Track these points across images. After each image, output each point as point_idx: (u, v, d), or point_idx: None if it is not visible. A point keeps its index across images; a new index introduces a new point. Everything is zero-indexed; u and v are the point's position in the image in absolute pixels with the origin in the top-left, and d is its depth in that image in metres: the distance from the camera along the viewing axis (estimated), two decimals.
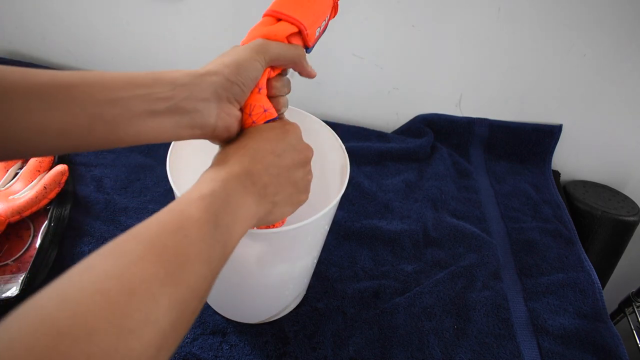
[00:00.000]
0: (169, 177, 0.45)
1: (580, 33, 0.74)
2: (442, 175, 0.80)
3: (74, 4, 0.86)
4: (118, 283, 0.22)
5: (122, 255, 0.23)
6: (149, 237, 0.25)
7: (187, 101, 0.32)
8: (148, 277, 0.23)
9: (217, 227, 0.28)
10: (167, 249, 0.25)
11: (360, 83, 0.87)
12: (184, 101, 0.32)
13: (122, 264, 0.23)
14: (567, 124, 0.85)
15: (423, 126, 0.88)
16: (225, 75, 0.34)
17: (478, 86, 0.84)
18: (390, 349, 0.54)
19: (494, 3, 0.73)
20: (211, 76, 0.33)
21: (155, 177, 0.72)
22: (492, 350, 0.56)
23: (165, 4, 0.82)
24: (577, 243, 0.72)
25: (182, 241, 0.26)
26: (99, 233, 0.62)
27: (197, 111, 0.33)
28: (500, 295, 0.62)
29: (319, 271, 0.60)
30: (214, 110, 0.34)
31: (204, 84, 0.33)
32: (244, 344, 0.53)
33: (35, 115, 0.27)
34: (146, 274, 0.23)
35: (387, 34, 0.80)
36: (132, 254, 0.23)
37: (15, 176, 0.64)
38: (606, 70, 0.77)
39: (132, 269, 0.23)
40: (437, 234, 0.69)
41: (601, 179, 0.88)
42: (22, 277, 0.53)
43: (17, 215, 0.58)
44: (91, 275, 0.22)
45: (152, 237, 0.25)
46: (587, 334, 0.58)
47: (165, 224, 0.26)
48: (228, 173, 0.32)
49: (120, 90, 0.30)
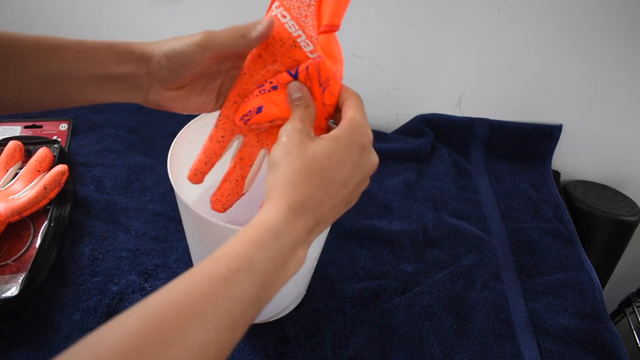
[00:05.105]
0: (170, 177, 0.45)
1: (580, 33, 0.74)
2: (442, 175, 0.80)
3: (74, 4, 0.86)
4: None
5: None
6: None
7: (126, 77, 0.36)
8: None
9: (255, 300, 0.28)
10: None
11: (360, 83, 0.86)
12: (123, 77, 0.36)
13: None
14: (567, 124, 0.85)
15: (423, 126, 0.88)
16: (157, 59, 0.36)
17: (478, 86, 0.84)
18: (390, 349, 0.54)
19: (494, 3, 0.73)
20: (147, 59, 0.36)
21: (155, 177, 0.72)
22: (492, 350, 0.56)
23: (165, 4, 0.82)
24: (577, 243, 0.72)
25: None
26: (99, 233, 0.62)
27: (133, 85, 0.37)
28: (500, 295, 0.62)
29: (319, 271, 0.60)
30: (145, 87, 0.37)
31: (140, 64, 0.36)
32: (244, 344, 0.53)
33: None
34: None
35: (387, 34, 0.80)
36: None
37: (15, 176, 0.64)
38: (606, 70, 0.77)
39: None
40: (437, 234, 0.69)
41: (601, 179, 0.88)
42: (22, 277, 0.53)
43: (17, 215, 0.58)
44: None
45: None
46: (587, 334, 0.58)
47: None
48: (290, 228, 0.30)
49: (72, 62, 0.35)
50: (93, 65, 0.35)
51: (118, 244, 0.61)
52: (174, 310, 0.24)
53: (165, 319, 0.24)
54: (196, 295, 0.25)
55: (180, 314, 0.24)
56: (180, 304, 0.24)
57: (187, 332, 0.23)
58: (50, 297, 0.54)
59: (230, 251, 0.28)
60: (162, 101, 0.39)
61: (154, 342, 0.22)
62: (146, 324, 0.23)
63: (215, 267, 0.27)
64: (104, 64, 0.35)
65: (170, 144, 0.48)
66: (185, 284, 0.25)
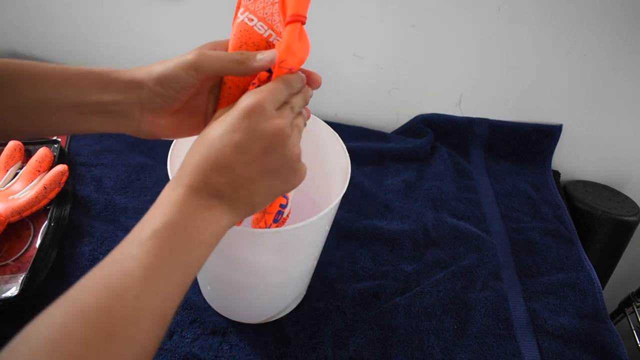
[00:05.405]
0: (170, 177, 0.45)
1: (580, 33, 0.74)
2: (442, 175, 0.80)
3: (74, 3, 0.86)
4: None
5: (54, 328, 0.24)
6: (84, 303, 0.25)
7: (113, 106, 0.34)
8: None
9: (173, 264, 0.28)
10: (100, 318, 0.25)
11: (360, 83, 0.87)
12: (110, 106, 0.34)
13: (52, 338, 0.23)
14: (567, 124, 0.85)
15: (423, 126, 0.88)
16: (149, 87, 0.34)
17: (478, 86, 0.84)
18: (390, 349, 0.54)
19: (494, 3, 0.73)
20: (137, 87, 0.34)
21: (155, 177, 0.72)
22: (492, 350, 0.56)
23: (165, 4, 0.82)
24: (577, 243, 0.72)
25: (121, 310, 0.25)
26: (99, 233, 0.62)
27: (121, 116, 0.35)
28: (500, 295, 0.62)
29: (319, 271, 0.60)
30: (136, 117, 0.35)
31: (130, 92, 0.34)
32: (244, 344, 0.53)
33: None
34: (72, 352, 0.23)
35: (387, 34, 0.80)
36: (64, 328, 0.24)
37: (15, 176, 0.64)
38: (606, 70, 0.77)
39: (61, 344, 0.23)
40: (437, 234, 0.69)
41: (601, 179, 0.88)
42: (22, 277, 0.53)
43: (17, 215, 0.58)
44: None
45: (88, 304, 0.25)
46: (587, 334, 0.58)
47: (107, 284, 0.26)
48: (186, 191, 0.30)
49: (54, 90, 0.32)
50: (75, 93, 0.33)
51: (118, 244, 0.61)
52: (97, 295, 0.26)
53: (88, 305, 0.25)
54: (116, 274, 0.27)
55: (103, 297, 0.26)
56: (100, 288, 0.26)
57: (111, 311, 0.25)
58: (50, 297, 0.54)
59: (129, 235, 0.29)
60: (156, 130, 0.37)
61: (85, 331, 0.24)
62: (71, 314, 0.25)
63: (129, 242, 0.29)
64: (87, 92, 0.33)
65: (170, 144, 0.48)
66: (107, 265, 0.28)
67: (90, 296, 0.25)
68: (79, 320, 0.24)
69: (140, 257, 0.27)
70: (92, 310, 0.24)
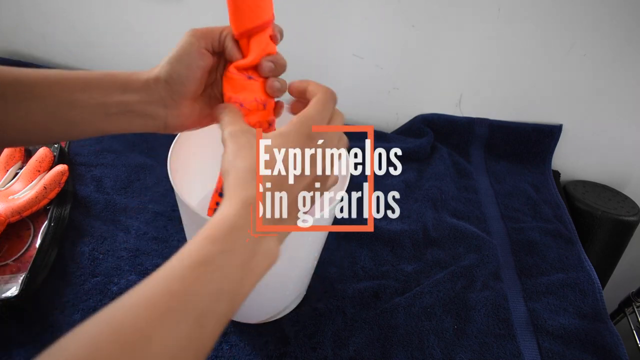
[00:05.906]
0: (170, 177, 0.45)
1: (580, 33, 0.74)
2: (442, 175, 0.80)
3: (74, 3, 0.86)
4: None
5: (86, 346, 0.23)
6: (120, 323, 0.23)
7: (138, 105, 0.36)
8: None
9: (220, 294, 0.27)
10: (135, 338, 0.23)
11: (360, 83, 0.87)
12: (135, 105, 0.36)
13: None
14: (567, 124, 0.85)
15: (423, 126, 0.88)
16: (166, 79, 0.36)
17: (478, 86, 0.84)
18: (390, 349, 0.54)
19: (494, 3, 0.73)
20: (157, 83, 0.36)
21: (155, 177, 0.72)
22: (492, 350, 0.56)
23: (165, 4, 0.82)
24: (577, 243, 0.72)
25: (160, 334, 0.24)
26: (99, 233, 0.62)
27: (146, 114, 0.36)
28: (500, 295, 0.62)
29: (319, 271, 0.60)
30: (162, 113, 0.37)
31: (151, 91, 0.36)
32: (244, 344, 0.53)
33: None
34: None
35: (387, 34, 0.80)
36: (94, 344, 0.23)
37: (15, 176, 0.64)
38: (606, 70, 0.77)
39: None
40: (437, 234, 0.69)
41: (601, 179, 0.88)
42: (22, 277, 0.53)
43: (17, 215, 0.58)
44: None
45: (123, 323, 0.23)
46: (587, 334, 0.58)
47: (149, 304, 0.24)
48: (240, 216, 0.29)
49: (79, 92, 0.34)
50: (99, 94, 0.35)
51: (118, 244, 0.61)
52: (133, 313, 0.24)
53: (123, 324, 0.23)
54: (154, 296, 0.25)
55: (139, 316, 0.24)
56: (139, 307, 0.24)
57: (147, 333, 0.23)
58: (50, 297, 0.54)
59: (185, 250, 0.27)
60: (182, 121, 0.38)
61: (116, 349, 0.22)
62: (104, 332, 0.23)
63: (170, 267, 0.26)
64: (110, 93, 0.35)
65: (170, 144, 0.48)
66: (145, 287, 0.25)
67: (128, 316, 0.24)
68: (112, 338, 0.23)
69: (188, 282, 0.26)
70: (127, 330, 0.23)
